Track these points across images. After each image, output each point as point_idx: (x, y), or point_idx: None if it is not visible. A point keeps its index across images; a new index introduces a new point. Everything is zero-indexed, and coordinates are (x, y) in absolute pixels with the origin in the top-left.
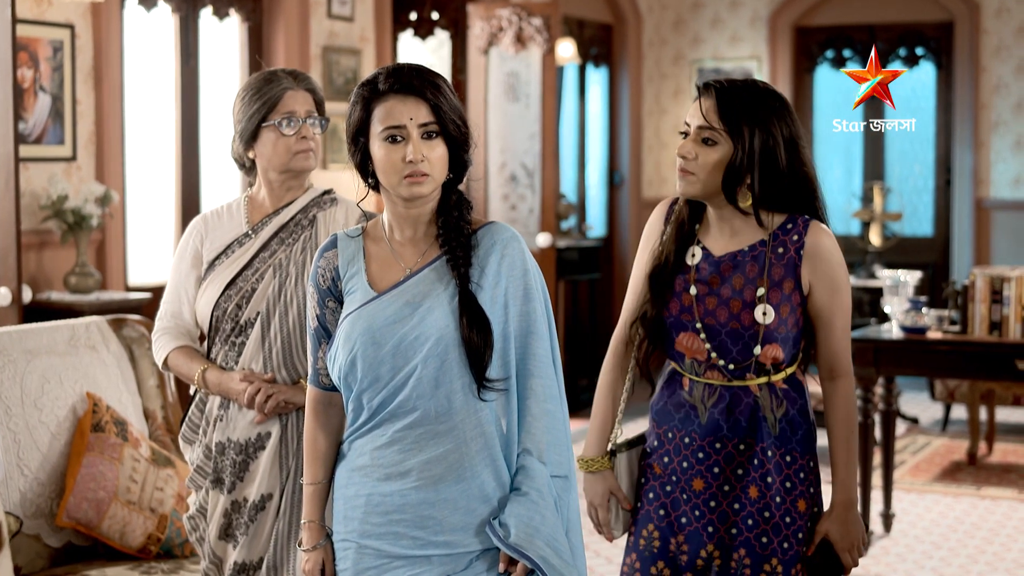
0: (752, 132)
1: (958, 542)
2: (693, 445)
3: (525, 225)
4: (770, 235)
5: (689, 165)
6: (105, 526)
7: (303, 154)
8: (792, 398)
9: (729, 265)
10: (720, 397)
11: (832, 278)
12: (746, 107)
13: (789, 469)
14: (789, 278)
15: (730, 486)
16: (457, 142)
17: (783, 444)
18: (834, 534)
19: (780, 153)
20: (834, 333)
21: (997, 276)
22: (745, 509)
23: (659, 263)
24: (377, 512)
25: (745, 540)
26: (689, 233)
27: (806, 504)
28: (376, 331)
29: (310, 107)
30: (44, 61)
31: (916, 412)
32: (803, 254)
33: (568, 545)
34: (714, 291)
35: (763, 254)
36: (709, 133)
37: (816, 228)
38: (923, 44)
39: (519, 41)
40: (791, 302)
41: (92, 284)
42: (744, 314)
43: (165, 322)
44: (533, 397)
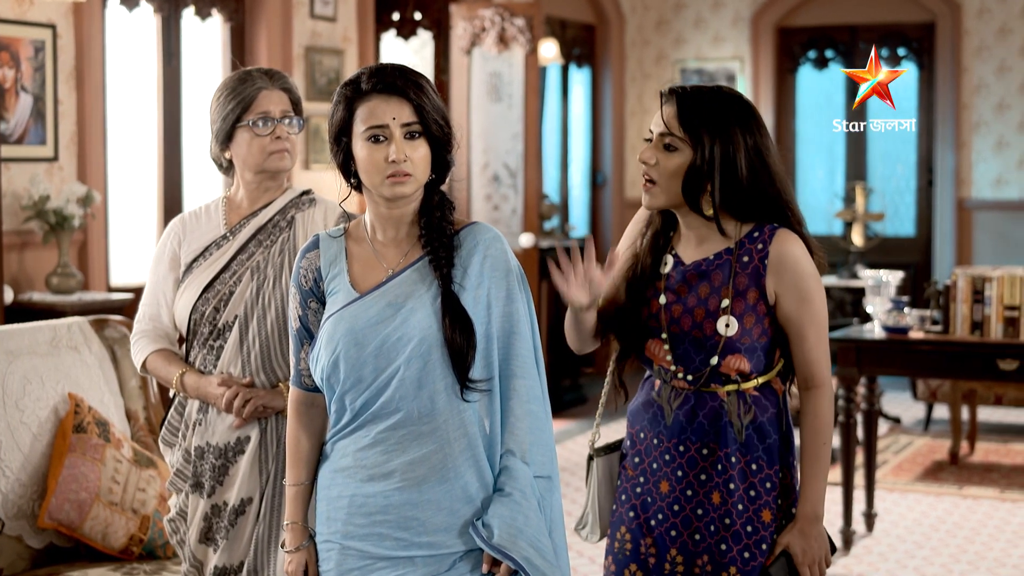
0: (712, 139)
1: (940, 541)
2: (661, 447)
3: (508, 225)
4: (736, 244)
5: (651, 172)
6: (87, 527)
7: (278, 154)
8: (763, 406)
9: (695, 274)
10: (685, 399)
11: (799, 288)
12: (708, 114)
13: (754, 478)
14: (753, 288)
15: (693, 491)
16: (440, 142)
17: (748, 452)
18: (795, 547)
19: (740, 161)
20: (805, 343)
21: (979, 276)
22: (708, 515)
23: (635, 272)
24: (360, 513)
25: (707, 546)
26: (664, 242)
27: (771, 515)
28: (359, 332)
29: (285, 107)
30: (25, 61)
31: (898, 412)
32: (767, 263)
33: (551, 545)
34: (681, 299)
35: (728, 263)
36: (670, 139)
37: (782, 236)
38: (905, 45)
39: (502, 41)
40: (756, 312)
41: (74, 285)
42: (707, 323)
43: (143, 325)
44: (516, 398)
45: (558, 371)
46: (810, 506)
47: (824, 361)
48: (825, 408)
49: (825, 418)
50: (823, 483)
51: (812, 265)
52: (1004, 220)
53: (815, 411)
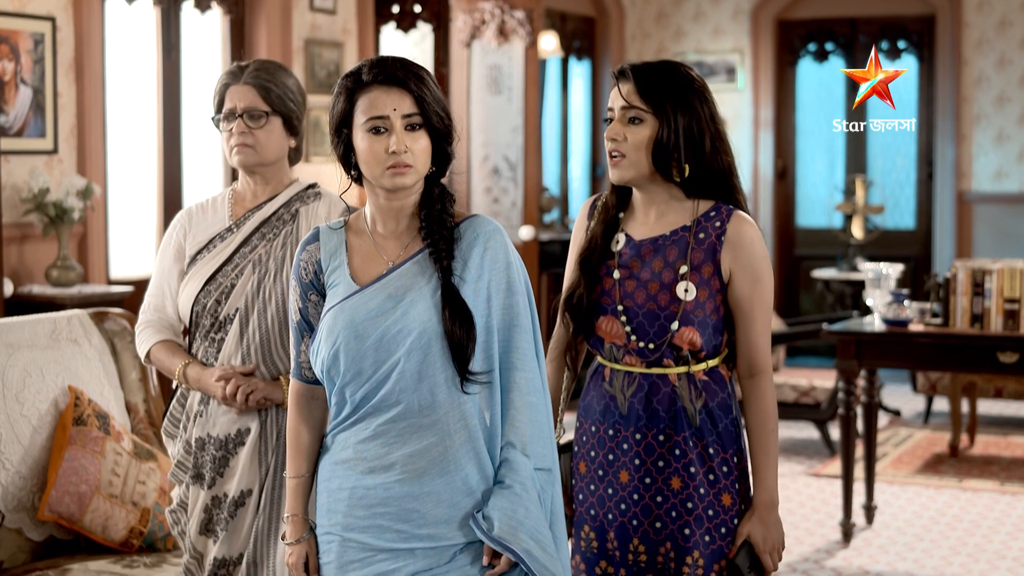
0: (675, 109)
1: (940, 534)
2: (617, 437)
3: (508, 218)
4: (694, 221)
5: (620, 147)
6: (87, 520)
7: (238, 149)
8: (712, 391)
9: (650, 248)
10: (639, 386)
11: (753, 268)
12: (665, 85)
13: (712, 462)
14: (708, 263)
15: (651, 478)
16: (440, 134)
17: (704, 436)
18: (755, 536)
19: (705, 130)
20: (753, 326)
21: (979, 269)
22: (668, 501)
23: (588, 249)
24: (361, 505)
25: (669, 533)
26: (614, 221)
27: (731, 499)
28: (359, 324)
29: (250, 102)
30: (25, 54)
31: (898, 404)
32: (724, 240)
33: (552, 538)
34: (634, 275)
35: (684, 238)
36: (634, 112)
37: (739, 217)
38: (905, 38)
39: (501, 34)
40: (710, 287)
41: (74, 277)
42: (661, 295)
43: (148, 315)
44: (516, 390)
45: None
46: (766, 494)
47: (767, 347)
48: (770, 395)
49: (770, 404)
50: (775, 470)
51: (765, 249)
52: (1004, 213)
53: (760, 397)
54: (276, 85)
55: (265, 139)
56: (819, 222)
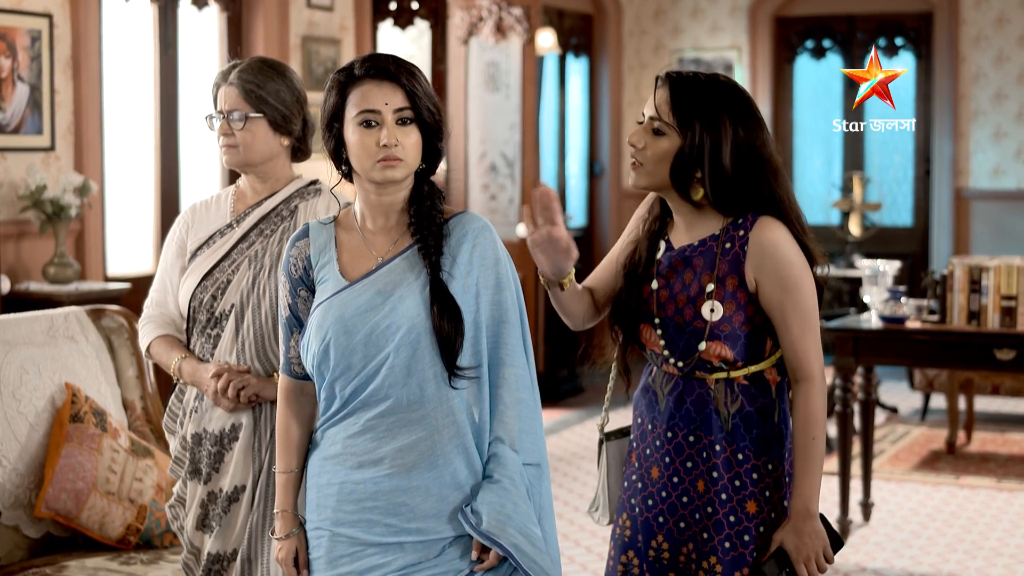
0: (702, 128)
1: (937, 531)
2: (654, 432)
3: (505, 215)
4: (722, 230)
5: (638, 155)
6: (84, 517)
7: (224, 150)
8: (751, 395)
9: (680, 260)
10: (675, 385)
11: (780, 275)
12: (700, 101)
13: (740, 468)
14: (733, 275)
15: (679, 478)
16: (431, 129)
17: (734, 441)
18: (788, 544)
19: (726, 152)
20: (790, 333)
21: (976, 266)
22: (693, 503)
23: (633, 258)
24: (350, 500)
25: (692, 535)
26: (660, 227)
27: (757, 507)
28: (348, 320)
29: (233, 103)
30: (22, 50)
31: (896, 402)
32: (747, 250)
33: (540, 533)
34: (668, 285)
35: (711, 248)
36: (659, 124)
37: (763, 223)
38: (903, 34)
39: (499, 31)
40: (736, 300)
41: (71, 274)
42: (687, 309)
43: (151, 311)
44: (505, 386)
45: (555, 361)
46: (801, 502)
47: (813, 353)
48: (814, 402)
49: (814, 413)
50: (815, 478)
51: (796, 253)
52: (1002, 210)
53: (803, 405)
54: (259, 86)
55: (249, 140)
56: (816, 219)
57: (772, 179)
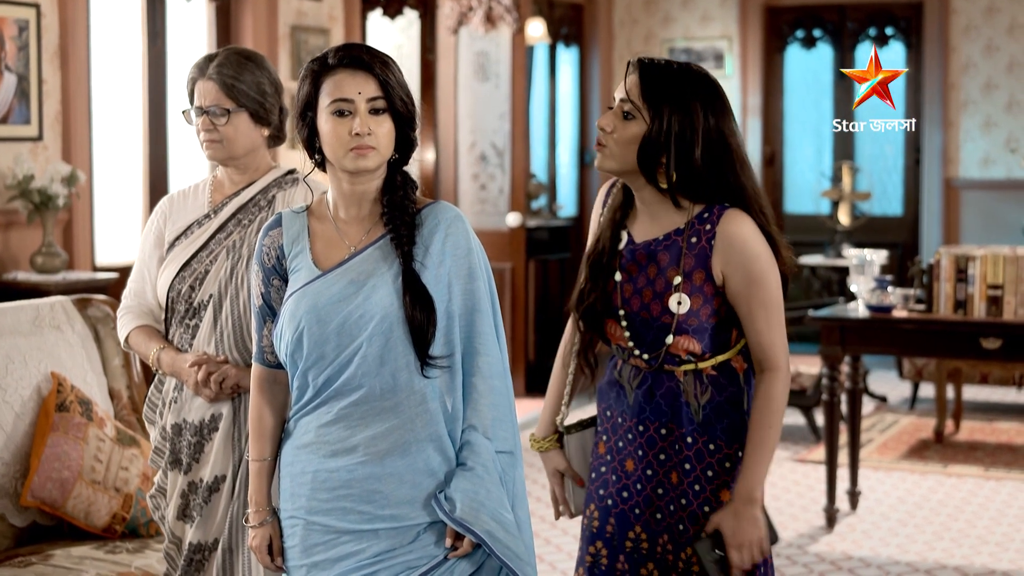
0: (671, 113)
1: (923, 519)
2: (624, 425)
3: (495, 205)
4: (686, 224)
5: (605, 138)
6: (70, 506)
7: (206, 145)
8: (720, 385)
9: (644, 254)
10: (644, 379)
11: (746, 268)
12: (670, 88)
13: (712, 458)
14: (700, 268)
15: (653, 470)
16: (404, 119)
17: (706, 432)
18: (725, 527)
19: (697, 140)
20: (756, 326)
21: (962, 255)
22: (668, 495)
23: (596, 250)
24: (324, 488)
25: (668, 526)
26: (621, 218)
27: (730, 495)
28: (321, 309)
29: (214, 98)
30: (9, 40)
31: (885, 391)
32: (714, 244)
33: (514, 519)
34: (632, 279)
35: (677, 243)
36: (629, 107)
37: (730, 216)
38: (893, 24)
39: (489, 20)
40: (703, 293)
41: (59, 264)
42: (654, 304)
43: (129, 301)
44: (479, 374)
45: (544, 351)
46: (746, 487)
47: (779, 345)
48: (776, 391)
49: (775, 402)
50: (764, 466)
51: (763, 246)
52: (991, 199)
53: (766, 394)
54: (238, 79)
55: (231, 134)
56: (806, 208)
57: (739, 168)
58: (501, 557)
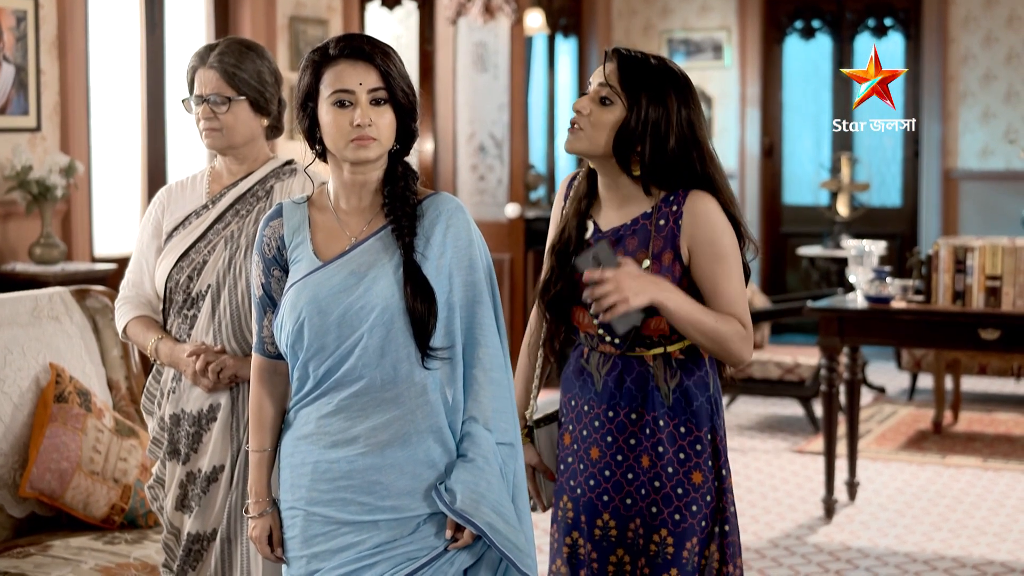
0: (648, 102)
1: (922, 509)
2: (591, 413)
3: (494, 196)
4: (654, 207)
5: (580, 120)
6: (69, 496)
7: (206, 133)
8: (688, 369)
9: (612, 240)
10: (613, 365)
11: (712, 245)
12: (647, 77)
13: (683, 440)
14: (668, 249)
15: (623, 456)
16: (405, 110)
17: (676, 415)
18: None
19: (672, 130)
20: (721, 299)
21: (961, 246)
22: (639, 479)
23: (561, 239)
24: (324, 479)
25: (639, 510)
26: (586, 208)
27: (703, 477)
28: (322, 300)
29: (215, 87)
30: (7, 31)
31: (883, 382)
32: (681, 223)
33: (515, 511)
34: None
35: (645, 227)
36: (607, 92)
37: (695, 196)
38: (892, 15)
39: (487, 11)
40: (672, 273)
41: (57, 255)
42: None
43: (127, 291)
44: (479, 366)
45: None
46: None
47: (745, 313)
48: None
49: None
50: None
51: (726, 224)
52: (990, 191)
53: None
54: (240, 68)
55: (232, 122)
56: (805, 199)
57: (708, 160)
58: (501, 549)
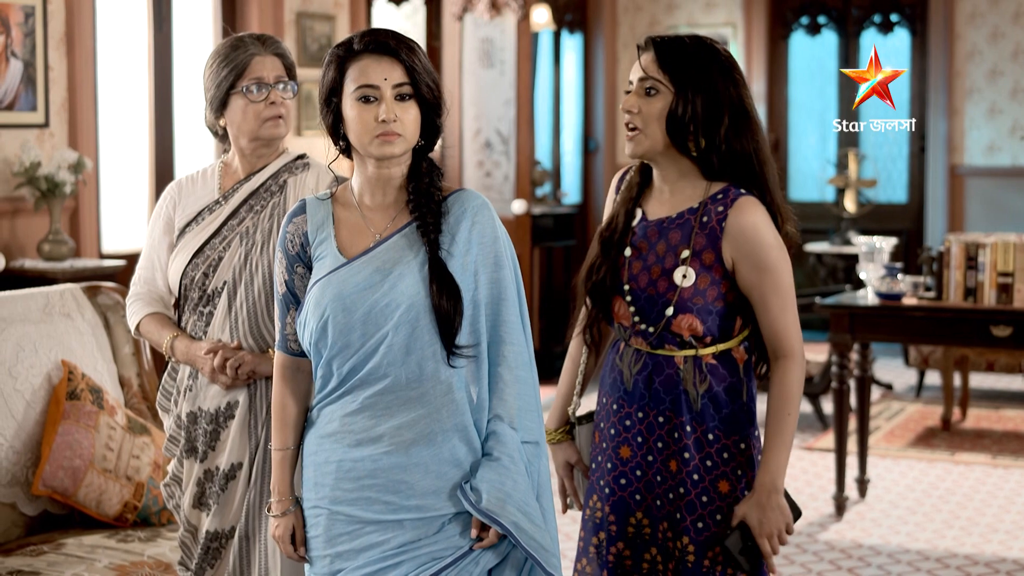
0: (695, 81)
1: (932, 507)
2: (621, 412)
3: (500, 192)
4: (700, 203)
5: (634, 120)
6: (81, 494)
7: (272, 121)
8: (720, 375)
9: (655, 231)
10: (644, 364)
11: (757, 257)
12: (687, 57)
13: (711, 447)
14: (710, 250)
15: (652, 457)
16: (430, 105)
17: (704, 421)
18: (751, 519)
19: (724, 106)
20: (768, 313)
21: (972, 243)
22: (666, 483)
23: (609, 228)
24: (348, 478)
25: (667, 513)
26: (636, 196)
27: (729, 486)
28: (346, 297)
29: (279, 72)
30: (16, 27)
31: (890, 378)
32: (724, 228)
33: (540, 510)
34: (641, 255)
35: (689, 222)
36: (651, 83)
37: (743, 204)
38: (898, 11)
39: (494, 7)
40: (711, 274)
41: (66, 251)
42: (661, 281)
43: (138, 288)
44: (504, 364)
45: (549, 337)
46: (769, 477)
47: (792, 331)
48: (792, 379)
49: (791, 389)
50: (785, 455)
51: (773, 234)
52: (996, 187)
53: (781, 381)
54: (290, 57)
55: (289, 110)
56: (811, 196)
57: (759, 141)
58: (527, 548)
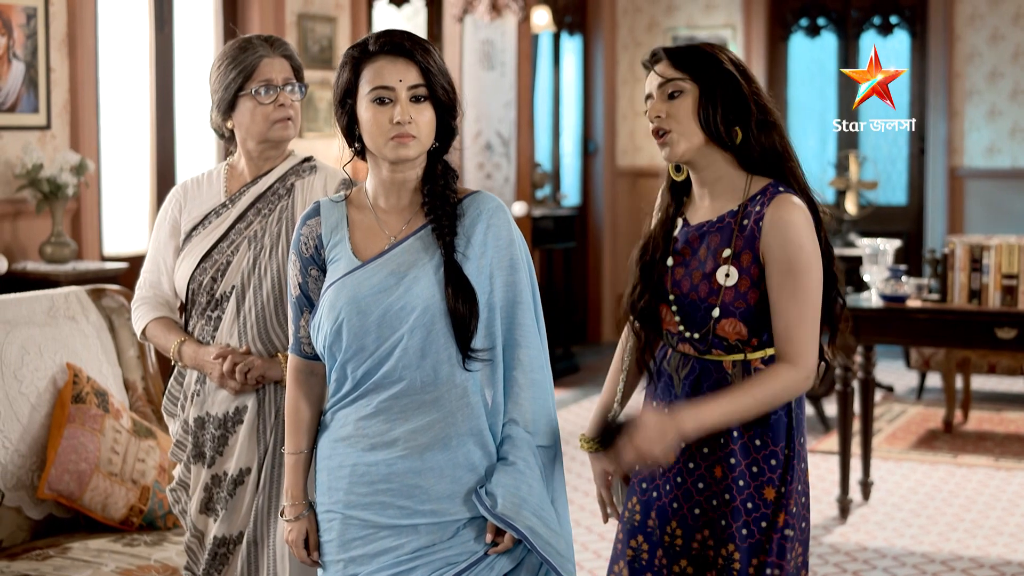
0: (714, 72)
1: (936, 509)
2: None
3: (500, 194)
4: (740, 206)
5: (664, 124)
6: (87, 498)
7: (281, 123)
8: None
9: (696, 236)
10: (692, 368)
11: (788, 256)
12: (700, 56)
13: (758, 454)
14: (748, 250)
15: (695, 464)
16: (445, 107)
17: (752, 427)
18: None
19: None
20: (785, 317)
21: (976, 245)
22: (710, 489)
23: (646, 248)
24: (363, 482)
25: (708, 521)
26: (676, 210)
27: (775, 493)
28: (361, 300)
29: (288, 74)
30: (17, 28)
31: (891, 380)
32: (762, 225)
33: (555, 514)
34: (684, 262)
35: (729, 225)
36: (673, 86)
37: (780, 202)
38: (897, 13)
39: (494, 9)
40: (750, 275)
41: (68, 254)
42: (703, 285)
43: (144, 291)
44: (520, 367)
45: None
46: (689, 419)
47: (807, 342)
48: (783, 381)
49: (775, 384)
50: (718, 417)
51: (809, 237)
52: (996, 189)
53: (774, 377)
54: (297, 57)
55: (297, 112)
56: None
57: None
58: (543, 553)
